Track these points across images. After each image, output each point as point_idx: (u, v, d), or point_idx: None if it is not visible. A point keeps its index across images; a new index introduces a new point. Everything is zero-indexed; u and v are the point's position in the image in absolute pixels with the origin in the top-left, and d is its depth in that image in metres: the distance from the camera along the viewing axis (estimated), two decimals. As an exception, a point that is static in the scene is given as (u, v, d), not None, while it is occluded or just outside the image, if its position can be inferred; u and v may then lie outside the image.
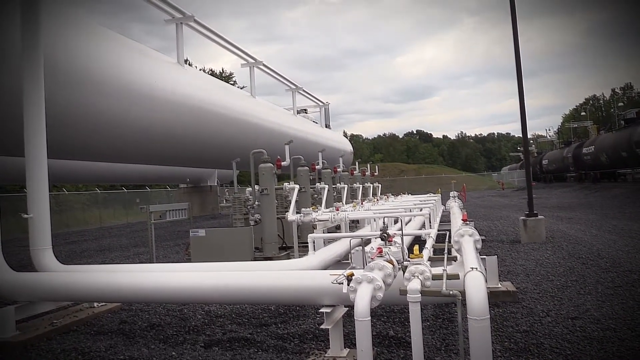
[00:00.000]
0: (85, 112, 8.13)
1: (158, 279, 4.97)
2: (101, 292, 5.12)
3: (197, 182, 31.03)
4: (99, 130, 8.75)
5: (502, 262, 8.24)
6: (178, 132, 10.98)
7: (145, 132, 9.88)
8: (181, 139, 11.28)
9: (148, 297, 5.05)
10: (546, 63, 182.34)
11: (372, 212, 8.04)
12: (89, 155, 10.66)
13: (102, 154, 10.40)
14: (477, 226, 13.58)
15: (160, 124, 10.17)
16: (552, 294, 6.12)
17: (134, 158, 11.99)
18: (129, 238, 18.40)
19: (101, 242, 17.56)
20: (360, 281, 3.26)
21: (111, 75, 8.57)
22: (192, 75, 12.66)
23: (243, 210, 7.97)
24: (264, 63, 16.64)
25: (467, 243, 3.99)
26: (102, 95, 8.37)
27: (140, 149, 10.54)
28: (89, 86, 8.06)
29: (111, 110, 8.68)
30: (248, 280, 4.64)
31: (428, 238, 5.37)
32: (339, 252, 6.73)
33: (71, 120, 7.95)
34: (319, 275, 4.59)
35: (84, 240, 18.47)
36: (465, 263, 3.53)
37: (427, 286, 3.27)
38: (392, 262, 3.54)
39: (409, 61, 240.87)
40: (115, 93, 8.67)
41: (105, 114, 8.57)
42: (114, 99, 8.67)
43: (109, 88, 8.51)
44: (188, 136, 11.47)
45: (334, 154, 19.73)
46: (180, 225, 21.06)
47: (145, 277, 5.11)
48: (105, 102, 8.47)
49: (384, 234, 4.09)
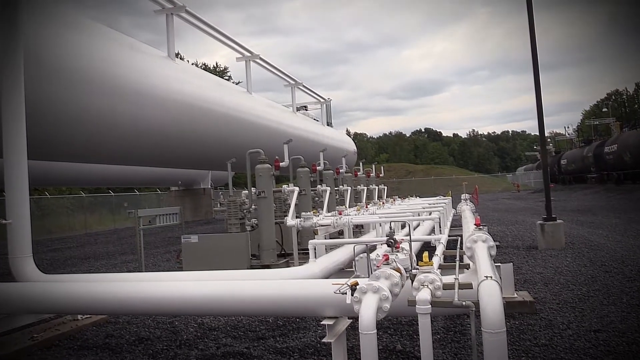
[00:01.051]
0: (69, 110, 8.14)
1: (147, 289, 4.95)
2: (86, 304, 5.10)
3: (190, 184, 31.07)
4: (83, 129, 8.75)
5: (518, 270, 8.21)
6: (169, 131, 10.98)
7: (133, 131, 9.88)
8: (172, 138, 11.28)
9: (136, 309, 5.03)
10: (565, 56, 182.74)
11: (378, 216, 8.02)
12: (73, 156, 10.66)
13: (87, 154, 10.40)
14: (491, 231, 13.56)
15: (149, 122, 10.17)
16: (573, 304, 6.09)
17: (122, 159, 12.00)
18: (116, 245, 18.40)
19: (86, 249, 17.56)
20: (365, 291, 3.23)
21: (96, 70, 8.58)
22: (183, 69, 12.67)
23: (239, 215, 7.95)
24: (261, 57, 16.65)
25: (480, 249, 3.97)
26: (87, 91, 8.38)
27: (128, 148, 10.54)
28: (73, 82, 8.07)
29: (96, 107, 8.68)
30: (244, 290, 4.62)
31: (438, 244, 5.35)
32: (342, 260, 6.70)
33: (53, 118, 7.95)
34: (321, 284, 4.57)
35: (68, 248, 18.48)
36: (479, 271, 3.51)
37: (438, 296, 3.25)
38: (400, 271, 3.51)
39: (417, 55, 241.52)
40: (100, 89, 8.68)
41: (90, 112, 8.57)
42: (100, 95, 8.68)
43: (94, 84, 8.52)
44: (179, 135, 11.48)
45: (337, 154, 19.71)
46: (171, 231, 21.06)
47: (133, 287, 5.09)
48: (90, 98, 8.47)
49: (390, 240, 4.06)
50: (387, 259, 3.58)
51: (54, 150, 9.30)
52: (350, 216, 7.55)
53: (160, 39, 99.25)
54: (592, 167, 43.96)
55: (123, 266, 12.29)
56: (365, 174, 15.13)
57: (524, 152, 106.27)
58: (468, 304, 3.05)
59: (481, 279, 3.20)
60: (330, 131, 26.71)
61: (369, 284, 3.25)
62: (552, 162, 53.28)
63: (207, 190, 31.71)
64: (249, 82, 16.49)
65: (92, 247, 18.35)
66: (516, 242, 12.10)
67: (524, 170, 76.38)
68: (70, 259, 14.81)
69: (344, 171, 13.05)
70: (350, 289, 3.31)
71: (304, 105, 26.26)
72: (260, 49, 17.04)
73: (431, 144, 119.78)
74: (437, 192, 30.02)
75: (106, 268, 12.16)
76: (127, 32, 12.17)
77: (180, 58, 41.15)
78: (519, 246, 11.31)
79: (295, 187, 8.45)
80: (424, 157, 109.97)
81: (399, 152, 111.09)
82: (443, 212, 8.89)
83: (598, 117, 64.48)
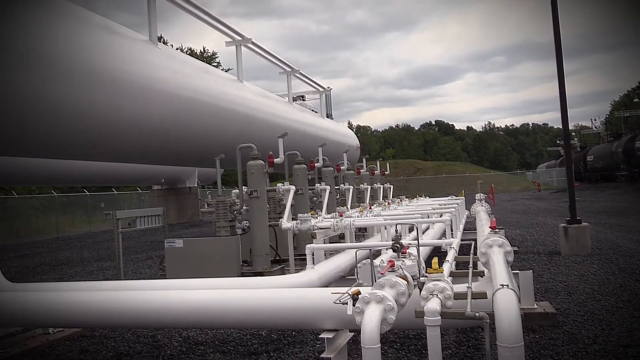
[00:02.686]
0: (36, 100, 8.13)
1: (126, 299, 4.96)
2: (58, 316, 5.11)
3: (174, 182, 31.06)
4: (53, 121, 8.74)
5: (538, 278, 8.23)
6: (150, 123, 10.98)
7: (110, 123, 9.87)
8: (154, 131, 11.28)
9: (114, 321, 5.04)
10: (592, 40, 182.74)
11: (383, 218, 8.04)
12: (42, 151, 10.65)
13: (58, 149, 10.39)
14: (508, 235, 13.59)
15: (127, 113, 10.16)
16: (600, 316, 6.11)
17: (97, 154, 11.98)
18: (91, 250, 18.40)
19: (58, 255, 17.56)
20: (368, 300, 3.25)
21: (68, 56, 8.56)
22: (167, 55, 12.66)
23: (228, 217, 7.97)
24: (253, 41, 16.63)
25: (496, 255, 3.98)
26: (57, 79, 8.36)
27: (104, 142, 10.53)
28: (40, 69, 8.05)
29: (67, 97, 8.67)
30: (234, 300, 4.63)
31: (449, 249, 5.36)
32: (342, 266, 6.71)
33: (18, 110, 7.93)
34: (319, 293, 4.58)
35: (38, 253, 18.48)
36: (494, 279, 3.52)
37: (449, 306, 3.26)
38: (407, 278, 3.53)
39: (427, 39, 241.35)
40: (72, 77, 8.66)
41: (60, 102, 8.56)
42: (71, 84, 8.66)
43: (65, 71, 8.50)
44: (162, 128, 11.47)
45: (337, 149, 19.70)
46: (153, 235, 21.05)
47: (111, 296, 5.10)
48: (59, 87, 8.45)
49: (396, 245, 4.08)
50: (393, 266, 3.59)
51: (20, 146, 9.29)
52: (352, 218, 7.56)
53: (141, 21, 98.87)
54: (621, 164, 43.98)
55: (99, 274, 12.29)
56: (369, 171, 15.15)
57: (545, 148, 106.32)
58: (482, 315, 3.06)
59: (497, 288, 3.21)
60: (331, 124, 26.72)
61: (373, 293, 3.27)
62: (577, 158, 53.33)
63: (194, 189, 31.71)
64: (240, 69, 16.48)
65: (65, 252, 18.34)
66: (536, 247, 12.12)
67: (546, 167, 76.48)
68: (40, 265, 14.80)
69: (345, 168, 13.06)
70: (351, 298, 3.32)
71: (301, 95, 26.24)
72: (252, 33, 17.11)
73: (442, 138, 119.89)
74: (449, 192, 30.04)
75: (81, 276, 12.15)
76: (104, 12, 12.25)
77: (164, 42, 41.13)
78: (540, 252, 11.34)
79: (291, 186, 8.47)
80: (434, 152, 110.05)
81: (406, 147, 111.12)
82: (455, 213, 8.90)
83: (629, 108, 64.44)
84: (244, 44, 16.42)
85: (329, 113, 27.66)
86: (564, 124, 12.09)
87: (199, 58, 39.26)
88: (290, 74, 21.26)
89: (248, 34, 16.39)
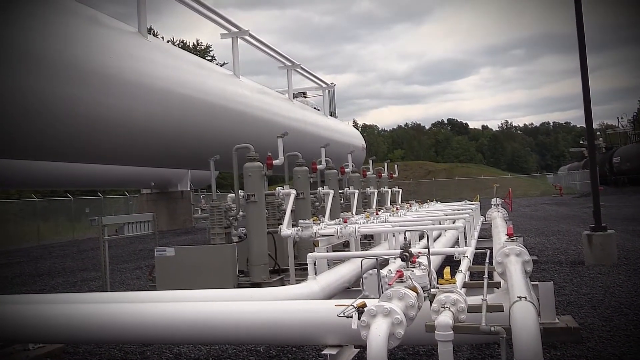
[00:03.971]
0: (14, 95, 8.16)
1: (113, 312, 4.96)
2: (38, 330, 5.12)
3: (165, 186, 31.14)
4: (36, 120, 8.78)
5: (560, 289, 8.22)
6: (138, 122, 11.02)
7: (95, 122, 9.91)
8: (142, 130, 11.32)
9: (99, 336, 5.04)
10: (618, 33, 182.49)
11: (391, 224, 8.03)
12: (22, 151, 10.68)
13: (37, 149, 10.42)
14: (527, 243, 13.56)
15: (114, 111, 10.20)
16: (627, 332, 6.09)
17: (82, 155, 12.02)
18: (75, 259, 18.43)
19: (39, 264, 17.59)
20: (375, 314, 3.25)
21: (50, 49, 8.61)
22: (157, 48, 12.71)
23: (224, 223, 7.98)
24: (251, 33, 16.70)
25: (513, 265, 3.98)
26: (38, 74, 8.40)
27: (89, 143, 10.57)
28: (20, 62, 8.09)
29: (49, 93, 8.70)
30: (230, 313, 4.64)
31: (463, 258, 5.36)
32: (347, 277, 6.71)
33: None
34: (322, 306, 4.59)
35: (17, 263, 18.51)
36: (511, 291, 3.52)
37: (462, 320, 3.26)
38: (416, 290, 3.53)
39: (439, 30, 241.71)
40: (54, 71, 8.70)
41: (41, 98, 8.60)
42: (53, 78, 8.70)
43: (47, 65, 8.54)
44: (151, 127, 11.51)
45: (342, 150, 19.74)
46: (142, 243, 21.08)
47: (96, 309, 5.11)
48: (41, 82, 8.49)
49: (405, 253, 4.08)
50: (402, 276, 3.60)
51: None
52: (357, 225, 7.56)
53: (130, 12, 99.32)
54: (651, 166, 43.88)
55: (84, 285, 12.31)
56: (375, 174, 15.15)
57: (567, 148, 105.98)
58: (498, 329, 3.06)
59: (514, 300, 3.21)
60: (334, 123, 26.78)
61: (379, 306, 3.27)
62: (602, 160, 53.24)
63: (186, 193, 31.77)
64: (236, 63, 16.54)
65: (47, 261, 18.37)
66: (558, 256, 12.11)
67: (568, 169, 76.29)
68: (20, 276, 14.83)
69: (350, 170, 13.07)
70: (356, 311, 3.32)
71: (302, 91, 26.31)
72: (249, 24, 17.21)
73: (455, 138, 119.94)
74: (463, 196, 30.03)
75: (63, 287, 12.17)
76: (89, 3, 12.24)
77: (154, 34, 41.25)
78: (562, 261, 11.32)
79: (292, 190, 8.47)
80: (446, 153, 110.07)
81: (416, 147, 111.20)
82: (469, 219, 8.89)
83: (658, 105, 64.27)
84: (240, 36, 16.48)
85: (332, 111, 27.72)
86: (587, 123, 12.08)
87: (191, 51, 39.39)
88: (291, 69, 21.31)
89: (245, 25, 16.49)
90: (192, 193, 32.73)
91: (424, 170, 74.79)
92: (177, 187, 31.60)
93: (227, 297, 5.61)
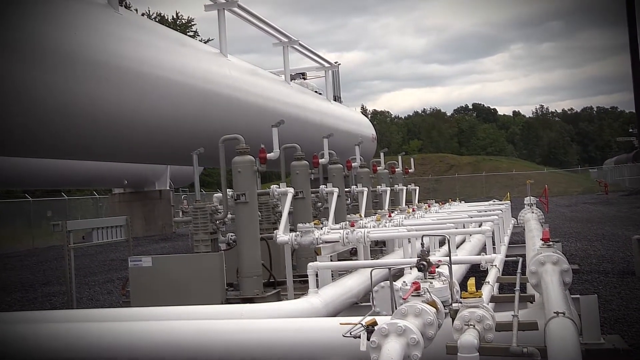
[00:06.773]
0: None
1: (79, 332, 4.98)
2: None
3: (140, 185, 31.18)
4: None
5: (606, 304, 8.22)
6: (107, 109, 11.01)
7: (56, 110, 9.91)
8: (114, 119, 11.32)
9: None
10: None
11: (406, 228, 8.04)
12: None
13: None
14: (566, 249, 13.55)
15: (79, 96, 10.19)
16: (684, 353, 6.10)
17: (41, 149, 12.01)
18: (35, 272, 18.46)
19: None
20: (387, 333, 3.26)
21: (3, 25, 8.60)
22: (130, 23, 12.71)
23: (209, 228, 7.99)
24: (240, 4, 16.69)
25: (549, 275, 3.99)
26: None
27: (52, 134, 10.57)
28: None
29: (8, 76, 8.71)
30: (217, 333, 4.65)
31: (491, 267, 5.36)
32: (354, 290, 6.72)
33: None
34: (325, 324, 4.60)
35: (-32, 276, 18.54)
36: (547, 305, 3.52)
37: (489, 340, 3.27)
38: (435, 305, 3.54)
39: (463, 0, 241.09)
40: (12, 51, 8.70)
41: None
42: (12, 60, 8.71)
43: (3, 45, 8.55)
44: (123, 115, 11.51)
45: (348, 141, 19.72)
46: (114, 251, 21.10)
47: (60, 329, 5.12)
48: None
49: (422, 263, 4.09)
50: (418, 289, 3.61)
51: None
52: (366, 229, 7.57)
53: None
54: None
55: (45, 301, 12.33)
56: (388, 168, 15.16)
57: (614, 138, 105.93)
58: (532, 351, 3.07)
59: (550, 317, 3.21)
60: (339, 109, 26.75)
61: (392, 324, 3.28)
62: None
63: (165, 193, 31.82)
64: (224, 39, 16.51)
65: (1, 274, 18.39)
66: (603, 265, 12.10)
67: (615, 163, 76.19)
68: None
69: (358, 165, 13.08)
70: (365, 330, 3.33)
71: (301, 72, 26.31)
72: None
73: (482, 126, 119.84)
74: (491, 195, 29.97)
75: (22, 304, 12.20)
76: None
77: (126, 6, 41.23)
78: (607, 271, 11.32)
79: (289, 188, 8.48)
80: (471, 145, 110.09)
81: (436, 137, 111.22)
82: (498, 222, 8.91)
83: None
84: (228, 7, 16.45)
85: (336, 95, 27.70)
86: (637, 107, 12.08)
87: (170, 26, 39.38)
88: (288, 46, 21.28)
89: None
90: (172, 193, 32.79)
91: (445, 164, 74.81)
92: (154, 185, 31.62)
93: (213, 315, 5.62)
